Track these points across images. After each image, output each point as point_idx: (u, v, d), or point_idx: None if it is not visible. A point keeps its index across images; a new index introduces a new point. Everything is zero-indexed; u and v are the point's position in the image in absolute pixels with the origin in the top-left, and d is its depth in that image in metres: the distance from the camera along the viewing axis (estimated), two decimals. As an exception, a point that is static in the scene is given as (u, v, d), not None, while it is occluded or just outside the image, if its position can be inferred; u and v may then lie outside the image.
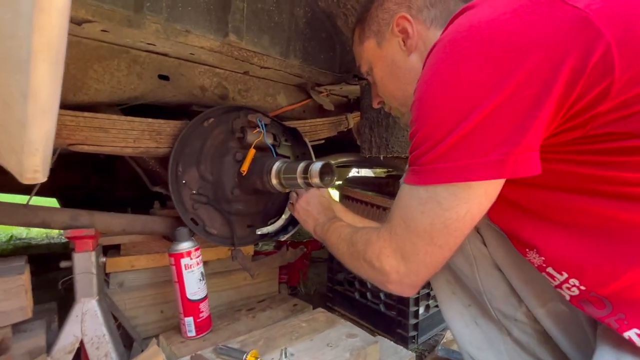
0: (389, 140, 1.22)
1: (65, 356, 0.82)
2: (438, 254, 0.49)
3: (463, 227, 0.46)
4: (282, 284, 1.44)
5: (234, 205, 1.02)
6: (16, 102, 0.19)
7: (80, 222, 0.85)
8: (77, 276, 0.84)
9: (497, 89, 0.40)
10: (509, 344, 0.67)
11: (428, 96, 0.45)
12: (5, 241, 2.37)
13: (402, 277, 0.52)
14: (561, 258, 0.47)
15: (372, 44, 0.68)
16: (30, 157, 0.22)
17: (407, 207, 0.50)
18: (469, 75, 0.41)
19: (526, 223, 0.50)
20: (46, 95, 0.19)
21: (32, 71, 0.17)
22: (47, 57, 0.17)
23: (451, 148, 0.42)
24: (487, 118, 0.40)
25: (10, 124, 0.21)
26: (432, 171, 0.45)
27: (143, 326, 1.07)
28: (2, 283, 0.75)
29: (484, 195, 0.45)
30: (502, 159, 0.40)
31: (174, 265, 0.93)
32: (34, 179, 0.24)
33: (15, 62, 0.18)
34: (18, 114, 0.19)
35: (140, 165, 1.10)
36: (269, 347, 0.82)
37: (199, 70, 1.09)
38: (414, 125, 0.47)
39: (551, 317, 0.58)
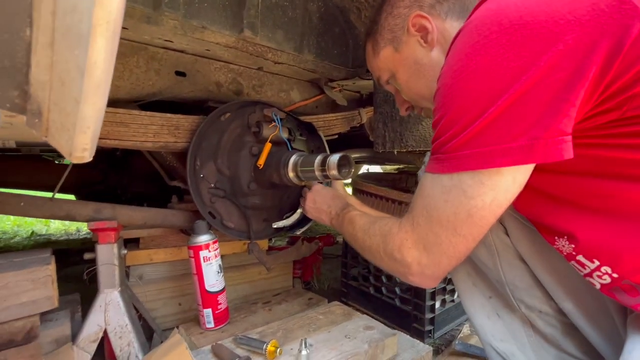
0: (403, 135, 1.22)
1: (89, 345, 0.84)
2: (462, 245, 0.47)
3: (488, 216, 0.45)
4: (295, 278, 1.45)
5: (251, 199, 1.03)
6: (72, 78, 0.20)
7: (103, 214, 0.87)
8: (100, 267, 0.86)
9: (527, 72, 0.39)
10: (532, 336, 0.66)
11: (453, 82, 0.44)
12: (27, 237, 2.45)
13: (423, 268, 0.51)
14: (594, 245, 0.46)
15: (388, 51, 0.67)
16: (81, 134, 0.23)
17: (429, 196, 0.48)
18: (497, 59, 0.40)
19: (557, 211, 0.48)
20: (101, 70, 0.19)
21: (90, 46, 0.18)
22: (105, 32, 0.18)
23: (478, 134, 0.41)
24: (517, 102, 0.39)
25: (65, 101, 0.21)
26: (457, 158, 0.43)
27: (162, 318, 1.10)
28: (30, 273, 0.77)
29: (511, 182, 0.43)
30: (531, 144, 0.39)
31: (193, 258, 0.94)
32: (82, 157, 0.25)
33: (75, 37, 0.18)
34: (74, 91, 0.20)
35: (158, 161, 1.12)
36: (287, 338, 0.83)
37: (214, 66, 1.11)
38: (438, 112, 0.46)
39: (578, 307, 0.57)
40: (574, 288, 0.56)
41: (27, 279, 0.76)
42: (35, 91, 0.22)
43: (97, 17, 0.17)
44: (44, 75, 0.21)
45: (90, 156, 0.26)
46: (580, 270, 0.49)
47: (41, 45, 0.20)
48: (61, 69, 0.20)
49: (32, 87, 0.22)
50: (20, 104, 0.23)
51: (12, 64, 0.21)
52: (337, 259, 1.89)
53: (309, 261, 1.52)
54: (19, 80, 0.22)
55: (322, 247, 1.63)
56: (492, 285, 0.69)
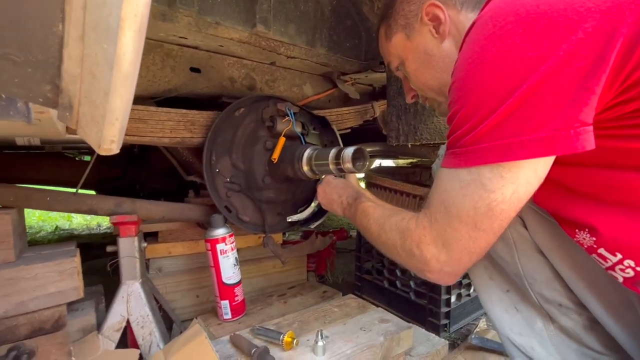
0: (417, 128, 1.20)
1: (114, 334, 0.88)
2: (482, 240, 0.46)
3: (509, 209, 0.43)
4: (310, 272, 1.46)
5: (265, 193, 1.04)
6: (101, 71, 0.21)
7: (123, 208, 0.90)
8: (122, 260, 0.89)
9: (546, 62, 0.37)
10: (552, 330, 0.65)
11: (469, 74, 0.43)
12: (52, 231, 2.56)
13: (442, 265, 0.49)
14: (616, 238, 0.44)
15: (400, 37, 0.67)
16: (109, 126, 0.24)
17: (447, 191, 0.47)
18: (514, 49, 0.39)
19: (577, 204, 0.47)
20: (129, 63, 0.20)
21: (119, 39, 0.18)
22: (133, 25, 0.18)
23: (496, 126, 0.40)
24: (536, 93, 0.38)
25: (95, 94, 0.22)
26: (475, 152, 0.42)
27: (180, 309, 1.13)
28: (58, 265, 0.80)
29: (533, 175, 0.42)
30: (552, 135, 0.38)
31: (210, 251, 0.96)
32: (110, 149, 0.26)
33: (104, 30, 0.19)
34: (103, 83, 0.21)
35: (174, 156, 1.15)
36: (303, 330, 0.84)
37: (228, 62, 1.12)
38: (454, 106, 0.45)
39: (600, 301, 0.55)
40: (596, 281, 0.55)
41: (55, 271, 0.80)
42: (66, 85, 0.23)
43: (126, 10, 0.17)
44: (76, 69, 0.22)
45: (117, 148, 0.27)
46: (602, 264, 0.48)
47: (72, 39, 0.21)
48: (91, 62, 0.21)
49: (64, 81, 0.23)
50: (53, 98, 0.24)
51: (45, 58, 0.22)
52: (350, 253, 1.89)
53: (323, 255, 1.53)
54: (51, 74, 0.23)
55: (335, 241, 1.63)
56: (509, 278, 0.68)
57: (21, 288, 0.76)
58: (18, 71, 0.22)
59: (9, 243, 0.79)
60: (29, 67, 0.22)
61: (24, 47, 0.21)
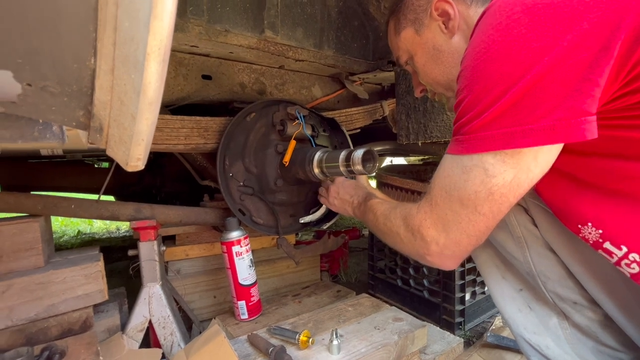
0: (427, 126, 1.20)
1: (137, 334, 0.92)
2: (481, 223, 0.47)
3: (509, 194, 0.44)
4: (323, 272, 1.48)
5: (278, 195, 1.06)
6: (129, 98, 0.23)
7: (143, 214, 0.94)
8: (143, 263, 0.93)
9: (550, 52, 0.38)
10: (567, 328, 0.64)
11: (476, 63, 0.43)
12: (74, 236, 2.66)
13: (442, 248, 0.51)
14: (621, 230, 0.45)
15: (409, 32, 0.67)
16: (136, 146, 0.26)
17: (449, 176, 0.48)
18: (520, 39, 0.40)
19: (581, 195, 0.47)
20: (154, 90, 0.22)
21: (145, 70, 0.20)
22: (157, 57, 0.20)
23: (501, 115, 0.41)
24: (539, 82, 0.39)
25: (123, 118, 0.24)
26: (479, 139, 0.43)
27: (198, 310, 1.16)
28: (83, 269, 0.85)
29: (533, 162, 0.43)
30: (553, 125, 0.39)
31: (226, 253, 0.99)
32: (136, 166, 0.28)
33: (132, 63, 0.21)
34: (131, 108, 0.23)
35: (189, 162, 1.18)
36: (318, 329, 0.86)
37: (238, 67, 1.14)
38: (461, 94, 0.46)
39: (611, 298, 0.55)
40: (607, 278, 0.54)
41: (81, 275, 0.84)
42: (97, 110, 0.26)
43: (151, 45, 0.19)
44: (106, 96, 0.24)
45: (143, 165, 0.29)
46: (609, 259, 0.48)
47: (103, 71, 0.23)
48: (120, 90, 0.23)
49: (95, 107, 0.25)
50: (85, 122, 0.27)
51: (79, 88, 0.24)
52: (363, 252, 1.90)
53: (335, 255, 1.54)
54: (84, 101, 0.25)
55: (348, 241, 1.64)
56: (522, 277, 0.68)
57: (51, 291, 0.81)
58: (55, 100, 0.24)
59: (38, 249, 0.83)
60: (65, 96, 0.24)
61: (61, 80, 0.23)
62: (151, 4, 0.18)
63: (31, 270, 0.82)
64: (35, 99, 0.23)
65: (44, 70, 0.22)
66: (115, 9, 0.19)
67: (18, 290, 0.77)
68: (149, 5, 0.18)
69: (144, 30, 0.19)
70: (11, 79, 0.22)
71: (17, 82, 0.22)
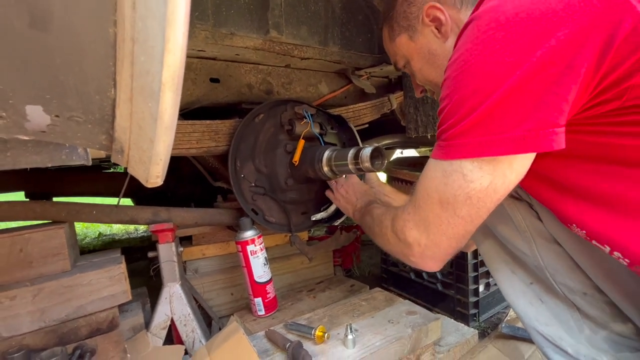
0: (435, 118, 1.19)
1: (160, 332, 0.96)
2: (460, 226, 0.50)
3: (486, 199, 0.47)
4: (336, 266, 1.50)
5: (289, 194, 1.08)
6: (147, 124, 0.24)
7: (160, 217, 0.97)
8: (163, 264, 0.97)
9: (521, 67, 0.40)
10: (579, 319, 0.65)
11: (455, 74, 0.46)
12: (95, 237, 2.77)
13: (423, 249, 0.53)
14: (600, 232, 0.47)
15: (404, 39, 0.68)
16: (155, 165, 0.28)
17: (431, 179, 0.51)
18: (494, 55, 0.42)
19: (563, 198, 0.50)
20: (169, 116, 0.23)
21: (161, 98, 0.22)
22: (171, 87, 0.22)
23: (476, 124, 0.44)
24: (511, 95, 0.41)
25: (142, 141, 0.26)
26: (457, 146, 0.46)
27: (217, 307, 1.20)
28: (107, 271, 0.89)
29: (508, 169, 0.45)
30: (524, 135, 0.41)
31: (241, 252, 1.02)
32: (155, 183, 0.30)
33: (148, 93, 0.23)
34: (149, 133, 0.25)
35: (201, 164, 1.21)
36: (333, 324, 0.88)
37: (244, 69, 1.15)
38: (442, 102, 0.48)
39: (617, 288, 0.55)
40: (611, 269, 0.55)
41: (106, 277, 0.88)
42: (118, 135, 0.28)
43: (165, 76, 0.21)
44: (126, 123, 0.26)
45: (161, 181, 0.31)
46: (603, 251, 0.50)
47: (123, 101, 0.24)
48: (138, 117, 0.25)
49: (117, 132, 0.27)
50: (107, 145, 0.29)
51: (101, 117, 0.26)
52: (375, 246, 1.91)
53: (348, 249, 1.56)
54: (106, 127, 0.27)
55: (360, 235, 1.66)
56: (531, 271, 0.68)
57: (79, 293, 0.85)
58: (80, 128, 0.26)
59: (64, 254, 0.88)
60: (89, 124, 0.26)
61: (85, 110, 0.25)
62: (164, 40, 0.19)
63: (59, 274, 0.86)
64: (63, 127, 0.25)
65: (69, 103, 0.24)
66: (132, 45, 0.21)
67: (48, 293, 0.82)
68: (162, 42, 0.19)
69: (158, 64, 0.20)
70: (41, 112, 0.24)
71: (47, 115, 0.24)
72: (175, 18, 0.19)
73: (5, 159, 0.28)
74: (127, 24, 0.20)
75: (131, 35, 0.20)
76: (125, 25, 0.20)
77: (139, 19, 0.19)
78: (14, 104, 0.22)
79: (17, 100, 0.22)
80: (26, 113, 0.23)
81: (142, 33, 0.20)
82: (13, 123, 0.24)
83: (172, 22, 0.19)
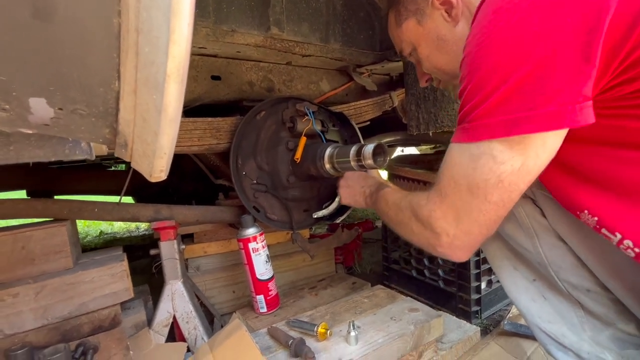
0: (437, 115, 1.19)
1: (162, 329, 0.96)
2: (492, 212, 0.47)
3: (518, 181, 0.44)
4: (338, 264, 1.50)
5: (290, 191, 1.08)
6: (152, 116, 0.24)
7: (162, 215, 0.97)
8: (164, 262, 0.97)
9: (552, 36, 0.38)
10: (582, 316, 0.64)
11: (477, 49, 0.43)
12: (97, 236, 2.77)
13: (452, 239, 0.50)
14: (614, 218, 0.45)
15: (411, 23, 0.66)
16: (159, 159, 0.28)
17: (457, 165, 0.48)
18: (522, 23, 0.39)
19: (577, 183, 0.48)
20: (174, 108, 0.23)
21: (165, 90, 0.22)
22: (176, 78, 0.21)
23: (505, 100, 0.41)
24: (542, 67, 0.38)
25: (146, 134, 0.26)
26: (485, 126, 0.43)
27: (219, 304, 1.20)
28: (109, 269, 0.89)
29: (541, 147, 0.43)
30: (559, 110, 0.39)
31: (243, 250, 1.02)
32: (159, 177, 0.30)
33: (153, 84, 0.22)
34: (153, 126, 0.25)
35: (203, 162, 1.21)
36: (335, 321, 0.88)
37: (245, 66, 1.15)
38: (464, 82, 0.46)
39: (623, 286, 0.54)
40: (615, 264, 0.54)
41: (108, 274, 0.89)
42: (122, 128, 0.27)
43: (170, 67, 0.21)
44: (129, 115, 0.26)
45: (165, 176, 0.31)
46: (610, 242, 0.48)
47: (127, 93, 0.24)
48: (143, 109, 0.24)
49: (120, 125, 0.27)
50: (111, 139, 0.29)
51: (105, 109, 0.26)
52: (376, 244, 1.91)
53: (349, 247, 1.56)
54: (110, 120, 0.27)
55: (361, 233, 1.66)
56: (534, 268, 0.68)
57: (81, 291, 0.85)
58: (84, 121, 0.26)
59: (67, 252, 0.88)
60: (92, 117, 0.26)
61: (89, 102, 0.25)
62: (169, 30, 0.19)
63: (62, 272, 0.86)
64: (66, 120, 0.25)
65: (73, 95, 0.24)
66: (136, 36, 0.21)
67: (51, 290, 0.82)
68: (167, 32, 0.19)
69: (163, 55, 0.20)
70: (45, 105, 0.23)
71: (50, 107, 0.24)
72: (181, 8, 0.18)
73: (8, 153, 0.28)
74: (131, 14, 0.19)
75: (135, 26, 0.20)
76: (129, 16, 0.20)
77: (144, 9, 0.19)
78: (18, 96, 0.22)
79: (20, 92, 0.22)
80: (30, 106, 0.23)
81: (147, 23, 0.19)
82: (16, 116, 0.24)
83: (177, 12, 0.18)
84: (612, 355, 0.61)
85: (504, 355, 0.93)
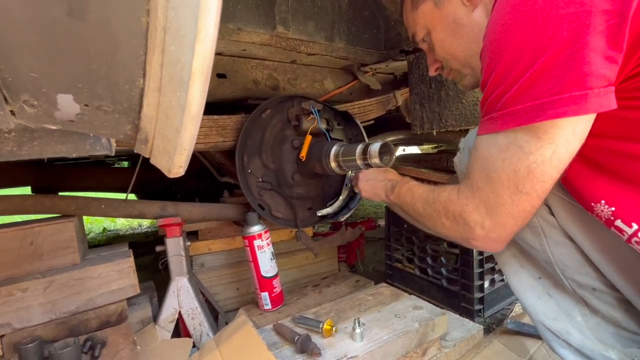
0: (441, 115, 1.19)
1: (168, 325, 0.97)
2: (526, 203, 0.46)
3: (550, 170, 0.43)
4: (341, 262, 1.51)
5: (295, 189, 1.09)
6: (175, 113, 0.25)
7: (168, 211, 0.98)
8: (170, 258, 0.98)
9: (579, 19, 0.37)
10: (587, 314, 0.64)
11: (500, 36, 0.42)
12: (100, 232, 2.78)
13: (487, 232, 0.50)
14: (633, 208, 0.44)
15: (428, 6, 0.64)
16: (179, 155, 0.28)
17: (486, 157, 0.47)
18: (547, 7, 0.39)
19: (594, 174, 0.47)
20: (197, 106, 0.24)
21: (190, 87, 0.22)
22: (201, 76, 0.22)
23: (530, 86, 0.40)
24: (568, 51, 0.38)
25: (168, 130, 0.27)
26: (510, 114, 0.42)
27: (223, 301, 1.21)
28: (116, 265, 0.90)
29: (571, 134, 0.41)
30: (585, 94, 0.37)
31: (248, 247, 1.03)
32: (178, 173, 0.31)
33: (177, 82, 0.23)
34: (176, 123, 0.25)
35: (208, 159, 1.22)
36: (340, 318, 0.89)
37: (251, 64, 1.16)
38: (486, 71, 0.45)
39: (630, 283, 0.54)
40: (624, 262, 0.54)
41: (115, 270, 0.89)
42: (144, 124, 0.28)
43: (196, 65, 0.21)
44: (152, 112, 0.26)
45: (183, 172, 0.32)
46: (621, 237, 0.47)
47: (151, 90, 0.25)
48: (166, 106, 0.25)
49: (142, 122, 0.28)
50: (132, 135, 0.29)
51: (129, 106, 0.26)
52: (379, 242, 1.92)
53: (353, 245, 1.57)
54: (132, 117, 0.27)
55: (364, 231, 1.66)
56: (540, 266, 0.68)
57: (89, 286, 0.86)
58: (107, 117, 0.27)
59: (74, 247, 0.89)
60: (116, 113, 0.27)
61: (114, 99, 0.25)
62: (196, 29, 0.19)
63: (69, 267, 0.87)
64: (91, 117, 0.26)
65: (99, 92, 0.24)
66: (164, 35, 0.21)
67: (59, 285, 0.83)
68: (194, 31, 0.20)
69: (189, 53, 0.21)
70: (71, 101, 0.24)
71: (77, 104, 0.24)
72: (208, 8, 0.19)
73: (32, 148, 0.28)
74: (159, 13, 0.20)
75: (163, 25, 0.20)
76: (158, 15, 0.20)
77: (172, 9, 0.20)
78: (47, 92, 0.23)
79: (49, 88, 0.23)
80: (57, 102, 0.24)
81: (174, 22, 0.20)
82: (44, 112, 0.24)
83: (205, 11, 0.19)
84: (615, 353, 0.62)
85: (507, 353, 0.93)
